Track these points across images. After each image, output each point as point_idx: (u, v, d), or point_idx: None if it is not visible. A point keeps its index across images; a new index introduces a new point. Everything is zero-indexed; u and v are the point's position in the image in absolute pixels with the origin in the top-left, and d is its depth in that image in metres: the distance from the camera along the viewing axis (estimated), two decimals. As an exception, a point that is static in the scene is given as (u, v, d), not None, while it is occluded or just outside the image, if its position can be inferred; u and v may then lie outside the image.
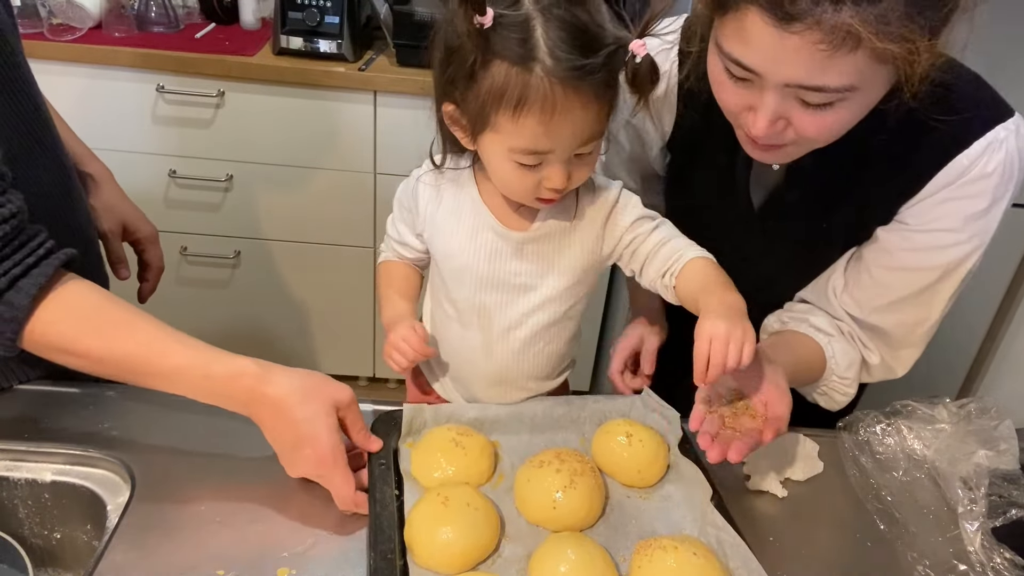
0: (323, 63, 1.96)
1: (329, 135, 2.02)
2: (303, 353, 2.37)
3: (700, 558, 0.79)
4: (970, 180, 0.88)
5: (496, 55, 0.79)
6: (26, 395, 0.99)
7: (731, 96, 0.81)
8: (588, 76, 0.78)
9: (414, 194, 0.99)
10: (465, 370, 1.05)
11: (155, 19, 2.05)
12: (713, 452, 0.84)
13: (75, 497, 0.90)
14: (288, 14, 1.94)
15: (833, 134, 0.80)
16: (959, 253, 0.92)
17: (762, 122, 0.78)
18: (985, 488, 0.92)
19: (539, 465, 0.88)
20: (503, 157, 0.85)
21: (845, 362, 1.01)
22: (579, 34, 0.78)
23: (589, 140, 0.84)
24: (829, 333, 1.01)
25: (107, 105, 1.97)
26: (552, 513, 0.85)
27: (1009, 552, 0.88)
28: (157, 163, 2.04)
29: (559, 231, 0.94)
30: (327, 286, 2.26)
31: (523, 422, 0.98)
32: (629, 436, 0.93)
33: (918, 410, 1.03)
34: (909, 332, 0.99)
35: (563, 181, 0.84)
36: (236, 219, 2.15)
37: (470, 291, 0.97)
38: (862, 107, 0.78)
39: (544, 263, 0.95)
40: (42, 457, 0.91)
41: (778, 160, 0.88)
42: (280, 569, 0.80)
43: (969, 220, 0.90)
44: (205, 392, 0.86)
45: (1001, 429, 0.97)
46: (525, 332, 0.99)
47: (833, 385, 1.03)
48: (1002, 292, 2.10)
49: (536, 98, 0.78)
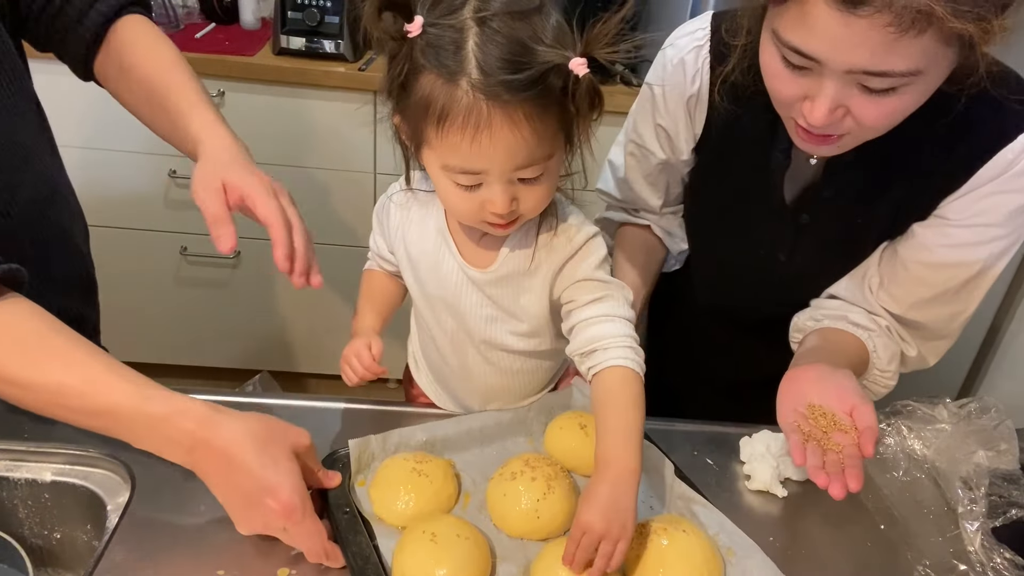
0: (323, 63, 1.96)
1: (329, 135, 2.02)
2: (303, 353, 2.37)
3: (690, 534, 0.80)
4: (1016, 174, 0.87)
5: (424, 67, 0.75)
6: (26, 395, 0.98)
7: (787, 86, 0.80)
8: (517, 93, 0.73)
9: (387, 212, 0.98)
10: (452, 386, 1.05)
11: (155, 19, 2.01)
12: (835, 488, 0.81)
13: (75, 497, 0.90)
14: (288, 14, 1.94)
15: (892, 122, 0.79)
16: (999, 247, 0.92)
17: (821, 110, 0.76)
18: (985, 488, 0.92)
19: (511, 478, 0.86)
20: (441, 175, 0.81)
21: (887, 356, 1.02)
22: (515, 49, 0.73)
23: (529, 163, 0.77)
24: (870, 328, 1.01)
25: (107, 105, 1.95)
26: (536, 523, 0.84)
27: (1009, 552, 0.88)
28: (157, 163, 2.04)
29: (517, 276, 0.90)
30: (327, 286, 2.25)
31: (472, 436, 0.97)
32: (584, 427, 0.93)
33: (918, 410, 1.03)
34: (945, 325, 1.00)
35: (504, 206, 0.79)
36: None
37: (442, 317, 0.96)
38: (924, 92, 0.76)
39: (506, 302, 0.92)
40: (42, 457, 0.91)
41: (831, 152, 0.86)
42: (280, 570, 0.80)
43: (1013, 215, 0.90)
44: (142, 433, 0.77)
45: (1001, 429, 0.97)
46: (499, 356, 0.97)
47: (874, 378, 1.04)
48: (1002, 292, 2.10)
49: (459, 112, 0.73)
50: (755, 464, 0.96)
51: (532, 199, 0.81)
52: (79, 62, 1.03)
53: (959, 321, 1.00)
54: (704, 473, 0.97)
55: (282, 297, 2.29)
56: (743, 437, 1.00)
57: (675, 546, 0.79)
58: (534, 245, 0.89)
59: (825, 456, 0.84)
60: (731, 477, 0.97)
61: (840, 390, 0.89)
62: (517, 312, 0.92)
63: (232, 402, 0.99)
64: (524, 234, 0.89)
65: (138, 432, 0.77)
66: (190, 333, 2.33)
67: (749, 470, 0.96)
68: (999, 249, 0.93)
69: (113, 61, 1.02)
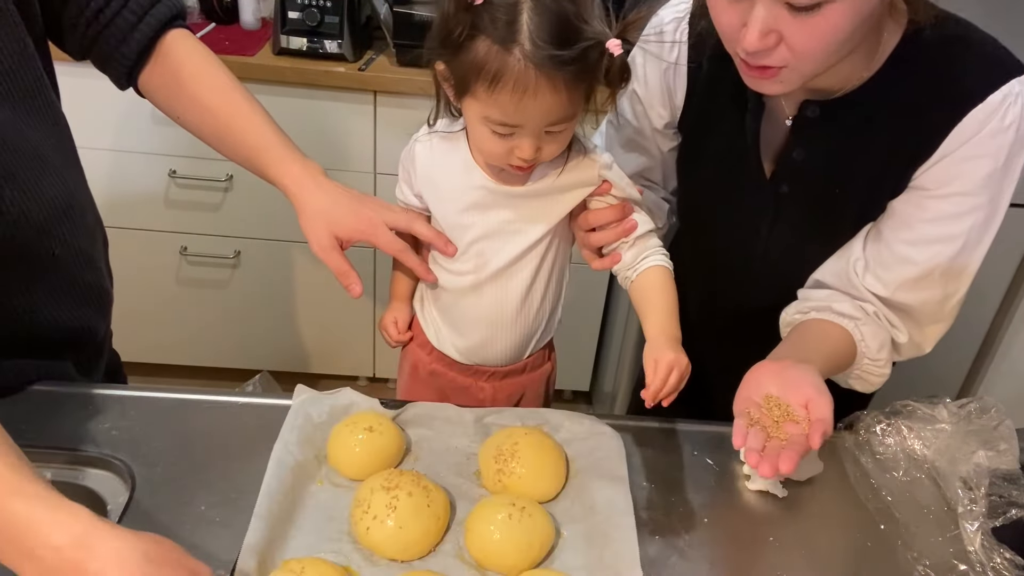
0: (323, 63, 1.96)
1: (329, 135, 2.02)
2: (303, 353, 2.37)
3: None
4: (987, 135, 0.86)
5: (481, 31, 0.85)
6: (26, 395, 0.98)
7: (725, 14, 0.82)
8: (562, 66, 0.84)
9: (411, 155, 1.06)
10: (456, 310, 1.09)
11: (155, 19, 2.05)
12: (765, 467, 0.82)
13: (75, 497, 0.88)
14: (288, 14, 1.94)
15: (825, 46, 0.79)
16: (979, 218, 0.90)
17: (753, 32, 0.78)
18: (985, 488, 0.92)
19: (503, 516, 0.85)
20: (479, 122, 0.92)
21: (876, 344, 1.00)
22: (562, 25, 0.84)
23: (559, 121, 0.90)
24: (855, 317, 1.00)
25: (107, 105, 1.96)
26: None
27: (1009, 552, 0.87)
28: (157, 163, 2.04)
29: (548, 183, 1.00)
30: (327, 286, 2.26)
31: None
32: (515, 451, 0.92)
33: (918, 410, 1.03)
34: (937, 308, 0.98)
35: (532, 153, 0.91)
36: (236, 219, 2.15)
37: (465, 241, 1.03)
38: (853, 11, 0.76)
39: (537, 211, 1.01)
40: (42, 457, 0.90)
41: (776, 89, 0.86)
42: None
43: (987, 181, 0.88)
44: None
45: (1001, 429, 0.97)
46: (512, 273, 1.04)
47: (866, 368, 1.02)
48: (1002, 292, 2.10)
49: (510, 78, 0.84)
50: (755, 464, 0.96)
51: (553, 147, 0.94)
52: (124, 73, 1.06)
53: (951, 304, 0.98)
54: (704, 473, 0.97)
55: (282, 297, 2.29)
56: (743, 437, 1.00)
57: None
58: (564, 162, 0.99)
59: (768, 442, 0.85)
60: (731, 477, 0.97)
61: (798, 382, 0.89)
62: (543, 216, 1.01)
63: (232, 402, 1.00)
64: (551, 162, 0.98)
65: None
66: (190, 333, 2.34)
67: (749, 470, 0.96)
68: (980, 219, 0.91)
69: (166, 75, 1.07)
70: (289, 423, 0.93)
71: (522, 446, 0.90)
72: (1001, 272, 2.07)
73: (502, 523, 0.82)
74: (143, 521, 0.83)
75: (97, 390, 1.00)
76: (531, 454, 0.90)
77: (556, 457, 0.92)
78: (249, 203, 2.12)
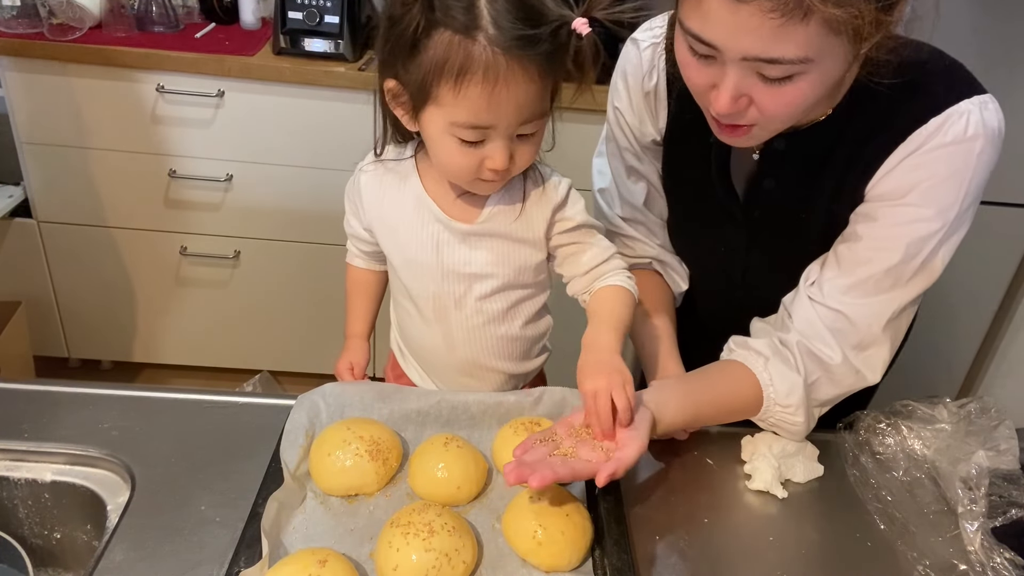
0: (323, 63, 1.96)
1: (329, 135, 2.02)
2: (303, 353, 2.37)
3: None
4: (929, 149, 0.86)
5: (439, 23, 0.78)
6: (26, 395, 0.99)
7: (696, 75, 0.82)
8: (532, 47, 0.78)
9: (357, 187, 1.00)
10: (432, 363, 1.07)
11: (155, 19, 2.05)
12: (511, 476, 0.76)
13: (75, 497, 0.90)
14: (288, 14, 1.94)
15: (794, 110, 0.80)
16: (923, 231, 0.88)
17: (724, 98, 0.79)
18: (985, 488, 0.92)
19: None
20: (445, 133, 0.84)
21: (784, 387, 0.94)
22: (523, 6, 0.78)
23: (532, 118, 0.83)
24: (765, 355, 0.96)
25: (107, 105, 1.97)
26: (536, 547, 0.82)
27: (1009, 552, 0.88)
28: (157, 163, 2.04)
29: (505, 224, 0.94)
30: (327, 286, 2.26)
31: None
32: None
33: (918, 410, 1.03)
34: (871, 323, 0.93)
35: (505, 161, 0.84)
36: (236, 219, 2.15)
37: (423, 283, 0.98)
38: (821, 82, 0.78)
39: (492, 253, 0.96)
40: (42, 457, 0.91)
41: (745, 143, 0.88)
42: (280, 569, 0.80)
43: (931, 194, 0.87)
44: None
45: (1001, 429, 0.97)
46: (483, 319, 1.00)
47: (778, 416, 0.96)
48: (1002, 292, 2.10)
49: (478, 67, 0.78)
50: (756, 464, 0.96)
51: (525, 155, 0.87)
52: None
53: (885, 320, 0.92)
54: (704, 473, 0.97)
55: (282, 297, 2.29)
56: (744, 437, 1.00)
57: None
58: (521, 199, 0.94)
59: (552, 457, 0.82)
60: (731, 478, 0.97)
61: (635, 419, 0.85)
62: (504, 259, 0.96)
63: (232, 402, 1.00)
64: (505, 191, 0.93)
65: None
66: (190, 333, 2.34)
67: (750, 470, 0.96)
68: (923, 233, 0.88)
69: None
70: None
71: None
72: (1001, 272, 2.07)
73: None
74: (143, 521, 0.83)
75: (97, 390, 1.00)
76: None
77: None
78: (249, 203, 2.12)
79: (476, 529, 0.84)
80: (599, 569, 0.81)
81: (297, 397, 0.95)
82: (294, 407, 0.93)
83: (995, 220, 1.88)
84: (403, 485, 0.89)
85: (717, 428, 1.03)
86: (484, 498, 0.89)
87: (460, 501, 0.87)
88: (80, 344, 2.34)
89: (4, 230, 2.13)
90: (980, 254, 1.90)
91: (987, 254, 1.96)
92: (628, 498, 0.91)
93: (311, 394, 0.96)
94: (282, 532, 0.82)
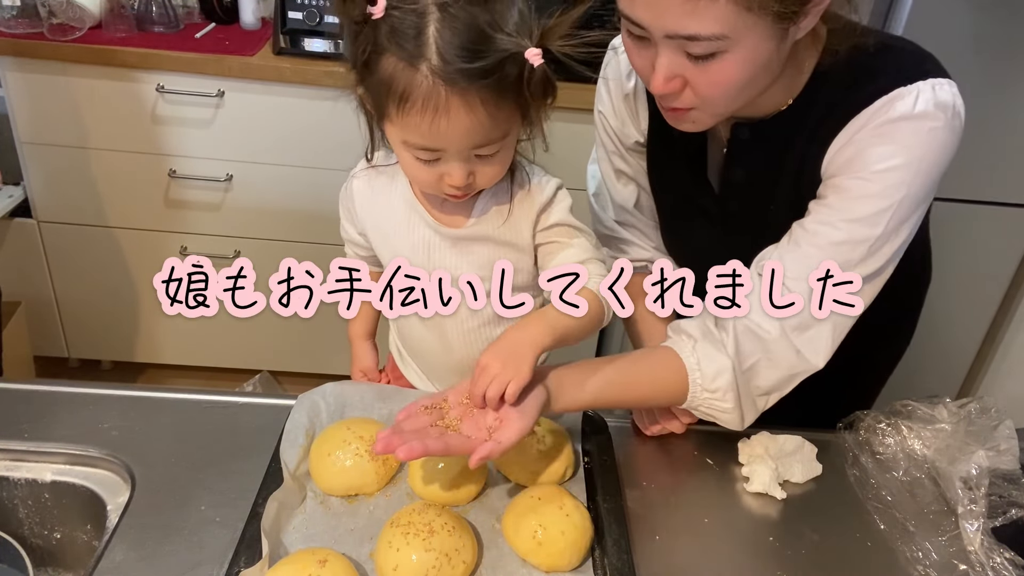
0: (323, 63, 1.96)
1: (329, 135, 2.02)
2: (303, 353, 2.37)
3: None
4: (877, 126, 0.85)
5: (387, 48, 0.77)
6: (26, 395, 0.99)
7: (637, 58, 0.84)
8: (476, 79, 0.76)
9: (350, 193, 1.01)
10: (430, 364, 1.07)
11: (155, 19, 2.05)
12: (379, 444, 0.77)
13: (75, 497, 0.90)
14: (288, 14, 1.94)
15: (726, 90, 0.81)
16: (867, 208, 0.86)
17: (658, 77, 0.81)
18: (985, 488, 0.92)
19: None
20: (401, 148, 0.84)
21: (711, 370, 0.90)
22: (473, 36, 0.76)
23: (487, 142, 0.81)
24: (695, 337, 0.92)
25: (107, 105, 1.97)
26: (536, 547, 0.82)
27: (1009, 552, 0.88)
28: (157, 163, 2.04)
29: (493, 227, 0.94)
30: (327, 286, 2.27)
31: None
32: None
33: (918, 410, 1.03)
34: (808, 295, 0.87)
35: (462, 179, 0.83)
36: (236, 219, 2.15)
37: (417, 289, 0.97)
38: (749, 60, 0.79)
39: (482, 257, 0.95)
40: (42, 457, 0.91)
41: (690, 128, 0.89)
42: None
43: (876, 169, 0.85)
44: None
45: (1001, 429, 0.97)
46: (478, 322, 1.00)
47: (705, 400, 0.92)
48: (1002, 292, 2.10)
49: (419, 96, 0.76)
50: (754, 466, 0.96)
51: (488, 173, 0.86)
52: None
53: (815, 294, 0.87)
54: (703, 474, 0.97)
55: (282, 297, 2.29)
56: (742, 439, 1.00)
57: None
58: (509, 203, 0.93)
59: (433, 427, 0.82)
60: (730, 478, 0.97)
61: (515, 404, 0.83)
62: (495, 264, 0.92)
63: (232, 402, 1.00)
64: (494, 194, 0.93)
65: None
66: (190, 333, 2.33)
67: (748, 472, 0.96)
68: (866, 211, 0.85)
69: None
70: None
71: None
72: (1001, 272, 2.07)
73: None
74: (143, 521, 0.83)
75: (97, 390, 1.00)
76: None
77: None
78: (249, 203, 2.12)
79: (476, 529, 0.84)
80: (599, 569, 0.81)
81: (297, 397, 0.96)
82: (294, 407, 0.93)
83: (995, 220, 1.88)
84: (403, 485, 0.90)
85: (717, 429, 1.03)
86: (484, 498, 0.89)
87: (460, 501, 0.87)
88: (80, 344, 2.34)
89: (4, 230, 2.13)
90: (980, 254, 1.91)
91: (987, 254, 1.96)
92: (628, 498, 0.91)
93: (311, 394, 0.96)
94: (282, 532, 0.82)
